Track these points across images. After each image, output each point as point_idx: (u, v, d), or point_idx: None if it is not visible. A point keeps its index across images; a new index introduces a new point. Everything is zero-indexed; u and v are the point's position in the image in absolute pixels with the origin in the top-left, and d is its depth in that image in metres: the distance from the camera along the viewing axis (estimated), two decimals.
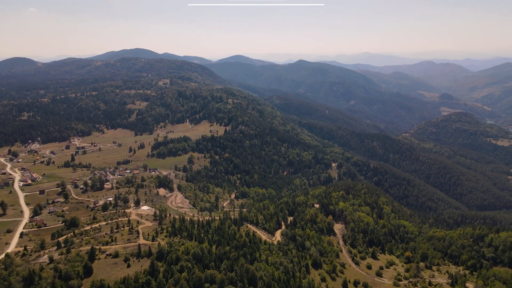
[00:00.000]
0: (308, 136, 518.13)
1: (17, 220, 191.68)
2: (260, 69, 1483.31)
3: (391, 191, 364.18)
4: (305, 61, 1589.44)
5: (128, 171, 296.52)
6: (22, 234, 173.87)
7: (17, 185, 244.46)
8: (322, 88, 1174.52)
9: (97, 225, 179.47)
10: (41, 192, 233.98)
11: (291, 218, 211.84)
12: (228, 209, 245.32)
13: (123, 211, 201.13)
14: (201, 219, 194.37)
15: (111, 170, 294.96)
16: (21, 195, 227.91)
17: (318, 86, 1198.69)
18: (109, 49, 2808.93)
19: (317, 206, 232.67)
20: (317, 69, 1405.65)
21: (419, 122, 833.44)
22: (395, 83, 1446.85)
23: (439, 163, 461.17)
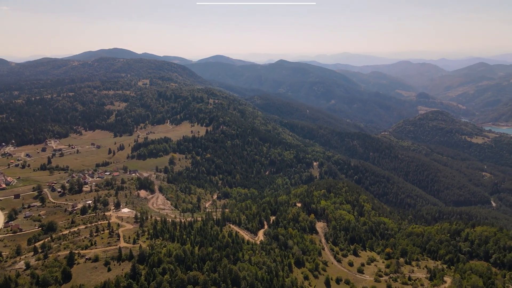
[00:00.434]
0: (289, 135, 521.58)
1: None
2: (241, 69, 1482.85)
3: (371, 189, 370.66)
4: (285, 61, 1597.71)
5: (107, 173, 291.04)
6: None
7: None
8: (303, 88, 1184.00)
9: (75, 229, 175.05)
10: (16, 196, 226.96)
11: (273, 218, 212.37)
12: (210, 210, 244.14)
13: (102, 214, 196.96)
14: (183, 220, 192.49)
15: (90, 172, 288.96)
16: None
17: (299, 86, 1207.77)
18: (86, 49, 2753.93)
19: (299, 205, 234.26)
20: (297, 69, 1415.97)
21: (397, 121, 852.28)
22: (374, 83, 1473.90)
23: (417, 160, 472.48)
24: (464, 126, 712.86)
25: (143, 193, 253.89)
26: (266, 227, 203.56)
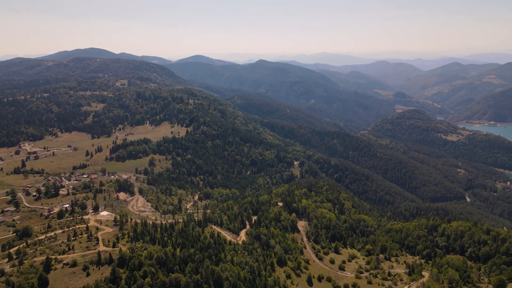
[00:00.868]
0: (270, 135, 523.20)
1: None
2: (221, 69, 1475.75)
3: (351, 187, 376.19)
4: (265, 61, 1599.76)
5: (85, 175, 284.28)
6: None
7: None
8: (283, 88, 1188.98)
9: (52, 233, 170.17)
10: None
11: (255, 218, 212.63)
12: (191, 211, 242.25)
13: (80, 217, 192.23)
14: (164, 222, 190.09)
15: (67, 175, 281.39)
16: None
17: (279, 85, 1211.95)
18: (61, 48, 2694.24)
19: (280, 204, 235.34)
20: (277, 68, 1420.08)
21: (375, 120, 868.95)
22: (352, 82, 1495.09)
23: (395, 158, 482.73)
24: (440, 124, 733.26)
25: (122, 195, 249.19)
26: (248, 227, 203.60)
